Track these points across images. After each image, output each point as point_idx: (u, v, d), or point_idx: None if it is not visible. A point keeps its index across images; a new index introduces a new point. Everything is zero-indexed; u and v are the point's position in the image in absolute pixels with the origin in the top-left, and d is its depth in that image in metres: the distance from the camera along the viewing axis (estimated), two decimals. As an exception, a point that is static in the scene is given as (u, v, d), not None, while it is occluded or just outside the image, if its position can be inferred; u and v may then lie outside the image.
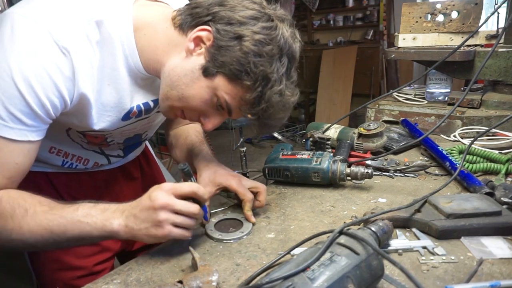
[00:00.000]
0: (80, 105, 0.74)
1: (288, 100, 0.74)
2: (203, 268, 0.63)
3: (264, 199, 0.87)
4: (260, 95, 0.71)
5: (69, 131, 0.85)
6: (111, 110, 0.79)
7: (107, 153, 0.98)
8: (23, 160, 0.70)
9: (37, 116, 0.68)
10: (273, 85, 0.71)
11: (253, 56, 0.69)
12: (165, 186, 0.68)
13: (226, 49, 0.70)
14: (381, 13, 4.96)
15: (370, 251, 0.57)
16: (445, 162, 1.03)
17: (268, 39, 0.69)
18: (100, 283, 0.68)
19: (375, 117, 1.55)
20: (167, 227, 0.67)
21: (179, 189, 0.69)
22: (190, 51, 0.74)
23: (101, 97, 0.76)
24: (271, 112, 0.73)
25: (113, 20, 0.73)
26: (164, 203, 0.66)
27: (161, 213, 0.66)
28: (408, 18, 1.56)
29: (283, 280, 0.52)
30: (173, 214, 0.67)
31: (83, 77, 0.70)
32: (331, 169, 0.97)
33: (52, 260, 0.95)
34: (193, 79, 0.73)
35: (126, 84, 0.79)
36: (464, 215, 0.74)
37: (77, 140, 0.89)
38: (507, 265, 0.65)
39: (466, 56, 1.34)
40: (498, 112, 1.32)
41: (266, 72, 0.69)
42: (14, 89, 0.64)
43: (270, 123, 0.77)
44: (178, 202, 0.68)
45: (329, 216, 0.86)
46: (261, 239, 0.79)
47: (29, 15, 0.66)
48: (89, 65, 0.71)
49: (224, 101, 0.74)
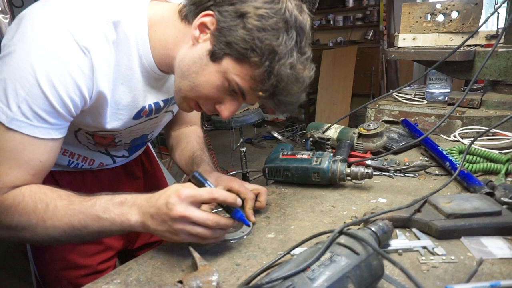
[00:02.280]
0: (97, 104, 0.75)
1: (301, 74, 0.72)
2: (203, 268, 0.63)
3: (265, 200, 0.88)
4: (269, 70, 0.69)
5: (78, 132, 0.86)
6: (124, 109, 0.80)
7: (112, 153, 0.99)
8: (47, 158, 0.71)
9: (60, 115, 0.69)
10: (280, 58, 0.68)
11: (257, 31, 0.67)
12: (183, 193, 0.65)
13: (230, 30, 0.69)
14: (381, 13, 4.96)
15: (370, 251, 0.57)
16: (445, 162, 1.03)
17: (271, 12, 0.68)
18: (100, 283, 0.68)
19: (375, 117, 1.55)
20: (182, 236, 0.67)
21: (198, 197, 0.66)
22: (196, 38, 0.73)
23: (115, 96, 0.76)
24: (283, 86, 0.71)
25: (129, 20, 0.74)
26: (181, 215, 0.64)
27: (178, 224, 0.65)
28: (408, 18, 1.56)
29: (283, 280, 0.52)
30: (189, 225, 0.66)
31: (102, 76, 0.71)
32: (331, 169, 0.97)
33: (57, 259, 0.96)
34: (202, 65, 0.73)
35: (140, 83, 0.79)
36: (464, 215, 0.74)
37: (84, 142, 0.90)
38: (507, 265, 0.65)
39: (466, 56, 1.34)
40: (498, 112, 1.32)
41: (272, 45, 0.68)
42: (38, 89, 0.65)
43: (285, 100, 0.74)
44: (195, 214, 0.65)
45: (329, 216, 0.86)
46: (261, 239, 0.79)
47: (49, 16, 0.67)
48: (107, 64, 0.71)
49: (235, 84, 0.72)
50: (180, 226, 0.65)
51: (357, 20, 5.47)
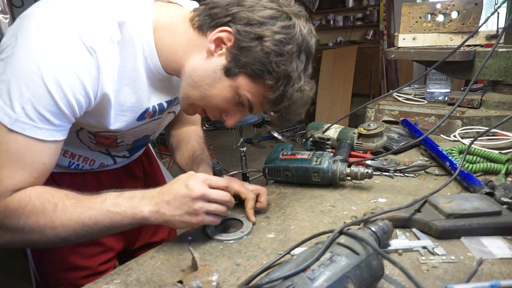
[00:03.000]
0: (101, 105, 0.74)
1: (308, 95, 0.77)
2: (203, 268, 0.63)
3: (265, 200, 0.88)
4: (283, 93, 0.73)
5: (80, 131, 0.85)
6: (128, 110, 0.80)
7: (113, 154, 0.99)
8: (49, 160, 0.71)
9: (64, 116, 0.69)
10: (294, 83, 0.73)
11: (275, 56, 0.70)
12: (201, 176, 0.72)
13: (248, 50, 0.71)
14: (381, 13, 4.96)
15: (370, 251, 0.57)
16: (445, 162, 1.03)
17: (287, 38, 0.71)
18: (100, 283, 0.68)
19: (375, 117, 1.55)
20: (201, 215, 0.71)
21: (214, 182, 0.73)
22: (211, 52, 0.75)
23: (120, 97, 0.76)
24: (293, 108, 0.76)
25: (134, 21, 0.74)
26: (202, 193, 0.70)
27: (198, 202, 0.70)
28: (408, 18, 1.56)
29: (283, 280, 0.52)
30: (208, 203, 0.72)
31: (107, 76, 0.71)
32: (331, 169, 0.97)
33: (58, 261, 0.96)
34: (216, 79, 0.75)
35: (144, 85, 0.80)
36: (464, 215, 0.74)
37: (86, 141, 0.89)
38: (507, 265, 0.65)
39: (466, 56, 1.34)
40: (498, 112, 1.32)
41: (288, 71, 0.71)
42: (44, 90, 0.64)
43: (291, 118, 0.80)
44: (213, 191, 0.72)
45: (329, 216, 0.86)
46: (261, 239, 0.79)
47: (54, 16, 0.67)
48: (111, 65, 0.71)
49: (246, 99, 0.76)
50: (200, 205, 0.70)
51: (357, 20, 5.47)
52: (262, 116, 2.97)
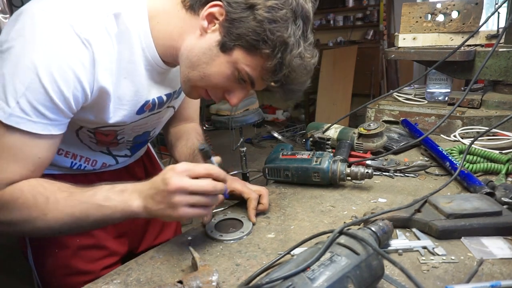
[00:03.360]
0: (99, 99, 0.74)
1: (309, 62, 0.74)
2: (203, 268, 0.63)
3: (267, 202, 0.88)
4: (281, 61, 0.71)
5: (80, 130, 0.85)
6: (127, 103, 0.79)
7: (114, 153, 0.98)
8: (46, 154, 0.71)
9: (59, 110, 0.68)
10: (292, 49, 0.70)
11: (268, 23, 0.68)
12: (179, 168, 0.67)
13: (240, 21, 0.69)
14: (381, 13, 4.96)
15: (370, 251, 0.57)
16: (445, 162, 1.03)
17: (280, 3, 0.69)
18: (100, 283, 0.68)
19: (375, 117, 1.55)
20: (181, 209, 0.67)
21: (193, 171, 0.68)
22: (204, 29, 0.74)
23: (118, 90, 0.76)
24: (294, 76, 0.73)
25: (129, 12, 0.73)
26: (177, 186, 0.65)
27: (176, 196, 0.66)
28: (408, 18, 1.56)
29: (283, 280, 0.52)
30: (187, 195, 0.67)
31: (103, 70, 0.71)
32: (331, 169, 0.97)
33: (60, 266, 0.95)
34: (212, 56, 0.74)
35: (143, 77, 0.79)
36: (464, 215, 0.74)
37: (86, 141, 0.89)
38: (508, 265, 0.65)
39: (466, 56, 1.34)
40: (498, 112, 1.32)
41: (284, 37, 0.69)
42: (38, 84, 0.65)
43: (294, 88, 0.77)
44: (191, 182, 0.66)
45: (329, 216, 0.86)
46: (261, 239, 0.79)
47: (49, 10, 0.67)
48: (108, 58, 0.71)
49: (246, 73, 0.74)
50: (179, 198, 0.66)
51: (357, 20, 5.47)
52: (262, 116, 2.97)
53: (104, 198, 0.69)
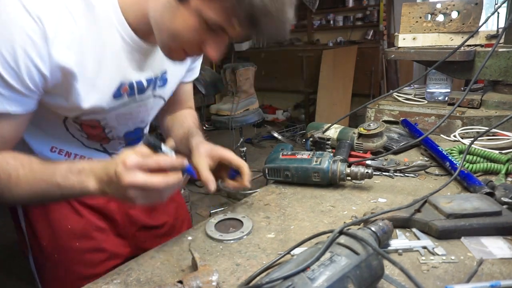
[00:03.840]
0: (64, 80, 0.73)
1: None
2: (203, 268, 0.63)
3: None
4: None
5: (66, 121, 0.85)
6: (100, 86, 0.78)
7: (110, 151, 0.98)
8: (9, 134, 0.73)
9: (11, 87, 0.68)
10: None
11: None
12: (129, 162, 0.64)
13: None
14: (381, 13, 4.95)
15: (370, 251, 0.57)
16: (445, 162, 1.03)
17: None
18: (100, 283, 0.68)
19: (375, 117, 1.55)
20: (138, 201, 0.67)
21: (145, 166, 0.65)
22: None
23: (86, 71, 0.74)
24: (259, 11, 0.65)
25: None
26: (129, 183, 0.64)
27: (129, 191, 0.65)
28: (408, 18, 1.56)
29: (283, 280, 0.52)
30: (140, 191, 0.65)
31: (61, 48, 0.69)
32: (331, 169, 0.97)
33: (62, 271, 0.95)
34: (173, 10, 0.70)
35: (115, 56, 0.78)
36: (464, 215, 0.74)
37: (77, 135, 0.88)
38: (507, 265, 0.65)
39: (466, 56, 1.34)
40: (498, 112, 1.32)
41: None
42: None
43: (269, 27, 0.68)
44: (143, 179, 0.64)
45: (329, 216, 0.86)
46: (261, 239, 0.79)
47: None
48: (69, 36, 0.70)
49: (210, 19, 0.68)
50: (133, 194, 0.65)
51: (357, 20, 5.46)
52: (262, 116, 2.97)
53: (63, 177, 0.70)
